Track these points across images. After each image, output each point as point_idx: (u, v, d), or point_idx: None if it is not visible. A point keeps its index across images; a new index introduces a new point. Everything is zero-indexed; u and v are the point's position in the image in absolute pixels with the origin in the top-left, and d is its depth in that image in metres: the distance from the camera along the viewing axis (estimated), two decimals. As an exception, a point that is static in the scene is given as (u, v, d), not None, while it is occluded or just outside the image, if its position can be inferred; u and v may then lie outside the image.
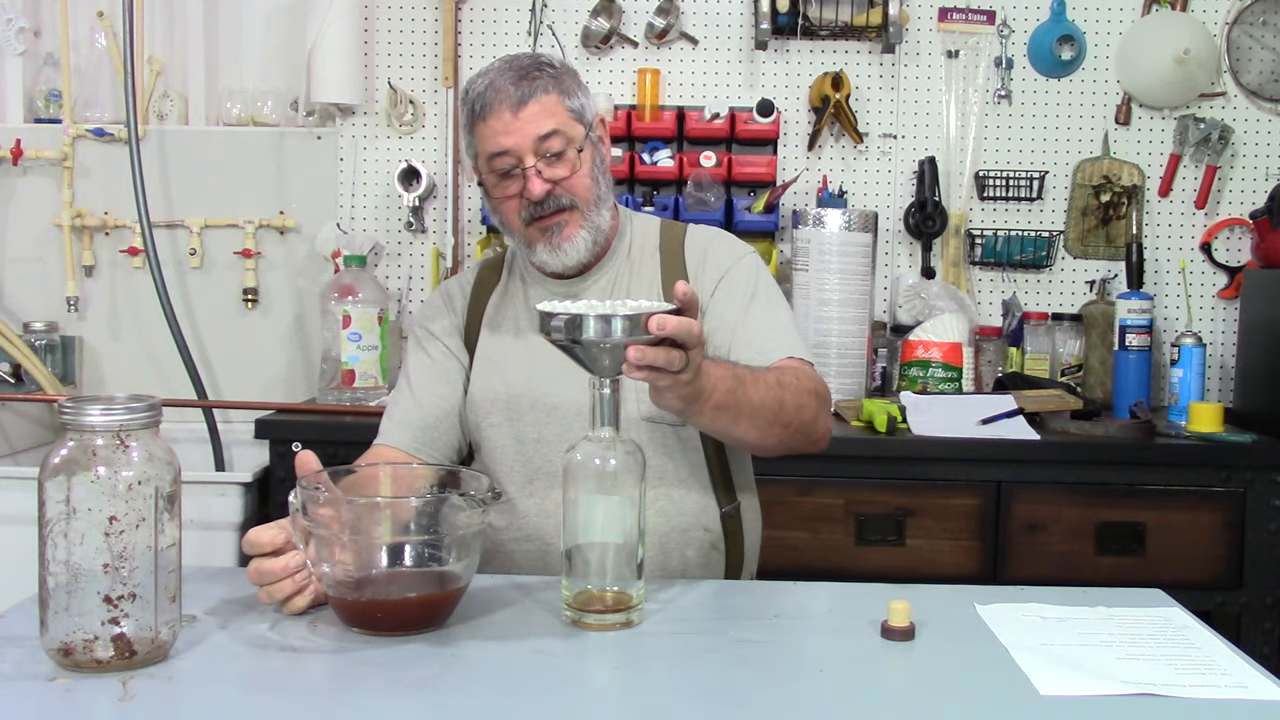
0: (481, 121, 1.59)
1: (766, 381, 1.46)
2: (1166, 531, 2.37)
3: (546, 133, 1.57)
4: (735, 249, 1.72)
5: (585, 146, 1.62)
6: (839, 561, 2.34)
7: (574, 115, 1.61)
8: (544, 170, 1.58)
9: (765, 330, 1.63)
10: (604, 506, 1.24)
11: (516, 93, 1.57)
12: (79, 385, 2.92)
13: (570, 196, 1.60)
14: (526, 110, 1.57)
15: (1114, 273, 2.95)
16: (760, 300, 1.66)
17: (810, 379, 1.56)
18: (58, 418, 1.10)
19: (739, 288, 1.66)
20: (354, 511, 1.22)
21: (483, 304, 1.75)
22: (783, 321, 1.66)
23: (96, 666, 1.08)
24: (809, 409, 1.52)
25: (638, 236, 1.73)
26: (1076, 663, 1.16)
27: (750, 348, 1.60)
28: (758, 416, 1.44)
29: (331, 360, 2.67)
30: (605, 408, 1.25)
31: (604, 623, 1.23)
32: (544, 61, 1.62)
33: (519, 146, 1.57)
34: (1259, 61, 2.93)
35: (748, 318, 1.63)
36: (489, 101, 1.58)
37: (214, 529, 2.40)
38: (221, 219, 2.96)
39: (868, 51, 2.95)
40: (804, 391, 1.52)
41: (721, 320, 1.64)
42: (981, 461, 2.38)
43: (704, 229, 1.76)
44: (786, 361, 1.59)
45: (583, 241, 1.63)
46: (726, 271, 1.67)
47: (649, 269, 1.70)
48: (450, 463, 1.69)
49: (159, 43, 2.98)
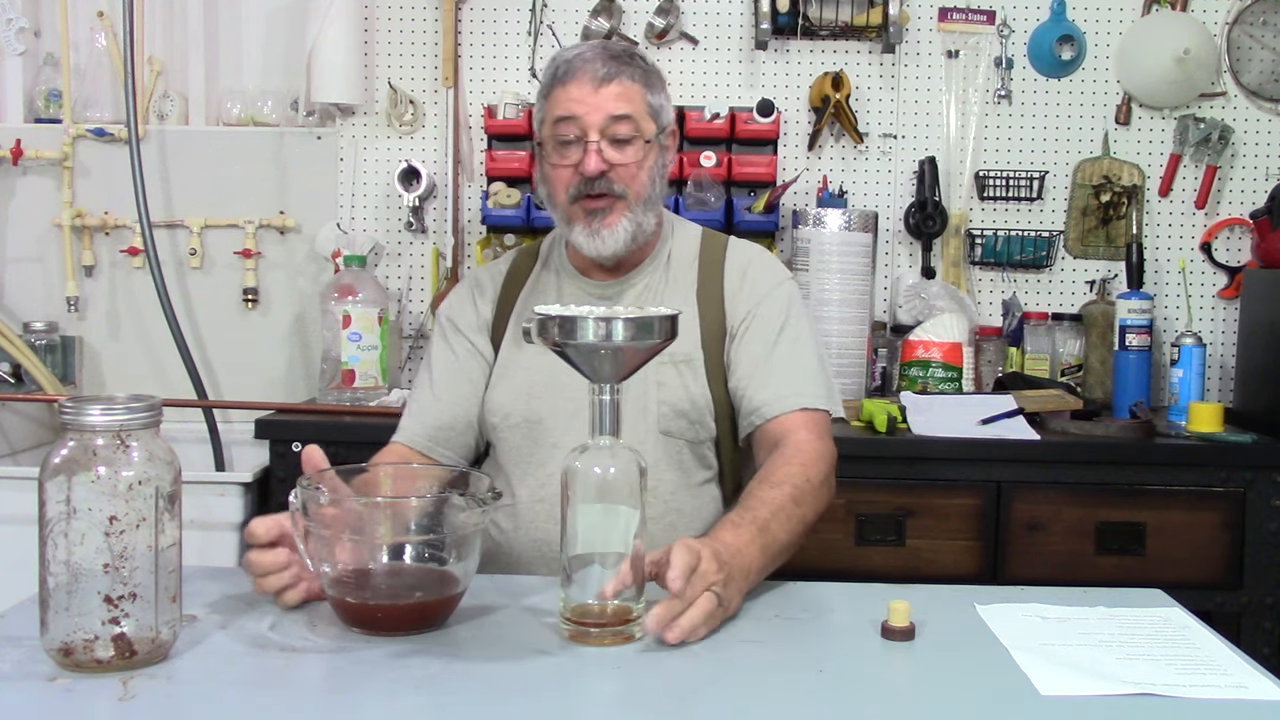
0: (560, 86, 1.58)
1: (786, 512, 1.40)
2: (1166, 531, 2.37)
3: (620, 115, 1.57)
4: (773, 275, 1.70)
5: (652, 145, 1.61)
6: (839, 561, 2.34)
7: (651, 111, 1.61)
8: (605, 151, 1.57)
9: (787, 374, 1.61)
10: (604, 516, 1.21)
11: (604, 69, 1.57)
12: (79, 385, 2.92)
13: (623, 186, 1.59)
14: (609, 89, 1.57)
15: (1114, 273, 2.95)
16: (788, 337, 1.64)
17: (816, 460, 1.51)
18: (58, 418, 1.10)
19: (770, 320, 1.64)
20: (354, 511, 1.21)
21: (514, 296, 1.72)
22: (806, 364, 1.64)
23: (97, 666, 1.08)
24: (823, 504, 1.51)
25: (678, 244, 1.72)
26: (1076, 663, 1.16)
27: (767, 389, 1.59)
28: (790, 549, 1.42)
29: (331, 360, 2.67)
30: (605, 414, 1.22)
31: (604, 637, 1.19)
32: (639, 55, 1.63)
33: (589, 119, 1.56)
34: (1259, 61, 2.93)
35: (772, 356, 1.62)
36: (575, 69, 1.58)
37: (214, 529, 2.40)
38: (221, 219, 2.96)
39: (868, 51, 2.95)
40: (817, 488, 1.48)
41: (749, 353, 1.63)
42: (981, 461, 2.37)
43: (746, 245, 1.74)
44: (798, 416, 1.57)
45: (624, 232, 1.60)
46: (761, 300, 1.66)
47: (686, 279, 1.68)
48: (464, 462, 1.68)
49: (159, 43, 2.98)
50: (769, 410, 1.58)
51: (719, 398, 1.63)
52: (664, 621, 1.15)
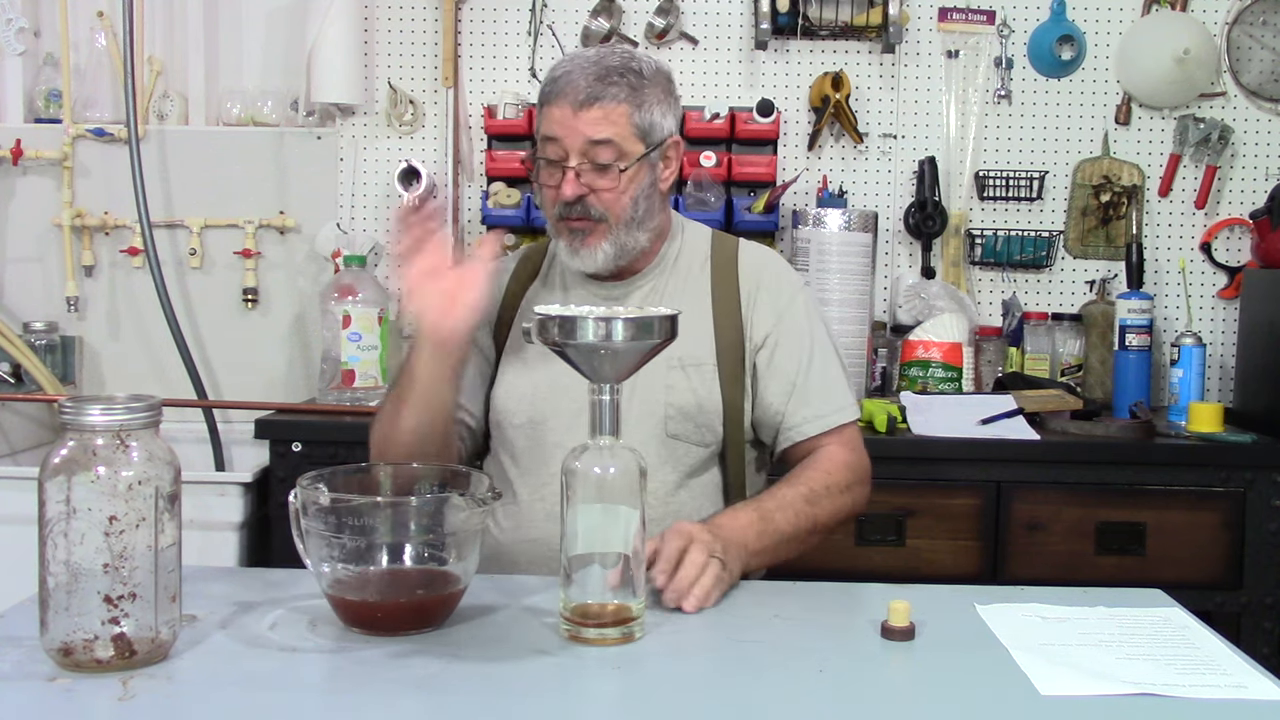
0: (547, 104, 1.57)
1: (794, 508, 1.50)
2: (1166, 531, 2.37)
3: (600, 139, 1.54)
4: (789, 283, 1.70)
5: (639, 166, 1.57)
6: (839, 561, 2.33)
7: (637, 132, 1.56)
8: (584, 175, 1.56)
9: (824, 390, 1.64)
10: (604, 516, 1.21)
11: (586, 91, 1.53)
12: (79, 385, 2.92)
13: (602, 210, 1.57)
14: (589, 112, 1.53)
15: (1114, 273, 2.95)
16: (819, 352, 1.66)
17: (842, 468, 1.59)
18: (58, 418, 1.09)
19: (798, 335, 1.66)
20: (354, 511, 1.21)
21: (519, 295, 1.72)
22: (835, 377, 1.67)
23: (96, 666, 1.08)
24: (844, 509, 1.58)
25: (688, 246, 1.71)
26: (1076, 663, 1.16)
27: (808, 407, 1.63)
28: (797, 543, 1.50)
29: (331, 360, 2.67)
30: (605, 414, 1.22)
31: (604, 638, 1.19)
32: (633, 67, 1.57)
33: (568, 142, 1.55)
34: (1259, 61, 2.93)
35: (810, 376, 1.64)
36: (559, 89, 1.56)
37: (214, 529, 2.40)
38: (221, 219, 2.96)
39: (868, 51, 2.95)
40: (837, 493, 1.56)
41: (782, 371, 1.64)
42: (981, 461, 2.38)
43: (756, 248, 1.74)
44: (835, 437, 1.63)
45: (603, 254, 1.60)
46: (783, 313, 1.66)
47: (699, 282, 1.68)
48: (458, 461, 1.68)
49: (159, 43, 2.98)
50: (808, 429, 1.63)
51: (731, 403, 1.62)
52: (682, 591, 1.28)
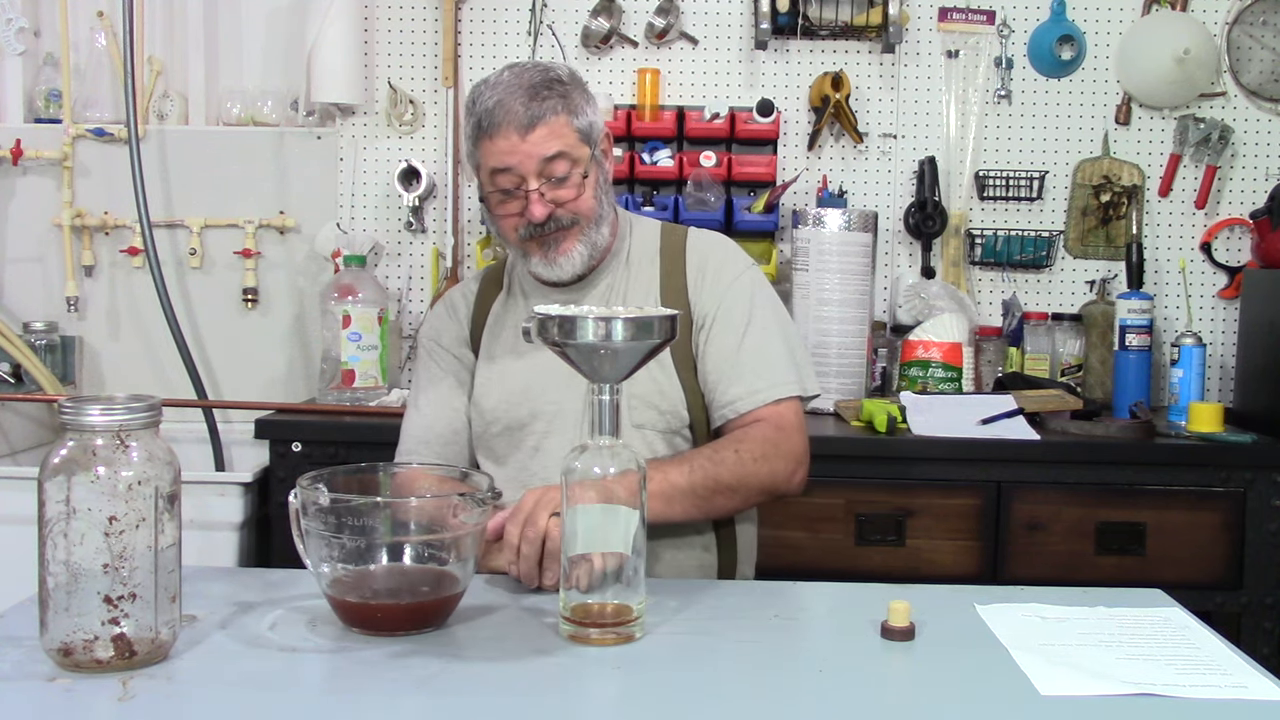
0: (488, 139, 1.57)
1: (693, 463, 1.53)
2: (1166, 531, 2.37)
3: (552, 155, 1.56)
4: (734, 265, 1.70)
5: (592, 166, 1.61)
6: (839, 561, 2.34)
7: (581, 136, 1.59)
8: (547, 192, 1.58)
9: (759, 366, 1.63)
10: (604, 516, 1.21)
11: (526, 114, 1.55)
12: (79, 385, 2.92)
13: (571, 216, 1.60)
14: (534, 133, 1.55)
15: (1114, 273, 2.95)
16: (756, 327, 1.65)
17: (761, 444, 1.57)
18: (58, 418, 1.10)
19: (735, 313, 1.65)
20: (353, 511, 1.21)
21: (484, 314, 1.76)
22: (775, 352, 1.65)
23: (96, 666, 1.08)
24: (755, 478, 1.56)
25: (637, 241, 1.73)
26: (1076, 663, 1.16)
27: (740, 384, 1.62)
28: (694, 499, 1.51)
29: (331, 360, 2.67)
30: (605, 414, 1.22)
31: (604, 638, 1.20)
32: (554, 77, 1.59)
33: (523, 167, 1.56)
34: (1259, 61, 2.93)
35: (742, 350, 1.63)
36: (497, 121, 1.56)
37: (214, 529, 2.40)
38: (221, 219, 2.96)
39: (868, 51, 2.95)
40: (751, 461, 1.54)
41: (717, 347, 1.64)
42: (981, 461, 2.37)
43: (704, 235, 1.75)
44: (766, 409, 1.61)
45: (579, 255, 1.62)
46: (724, 294, 1.66)
47: (647, 274, 1.70)
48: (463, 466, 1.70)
49: (159, 43, 2.98)
50: (741, 405, 1.62)
51: (690, 387, 1.65)
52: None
